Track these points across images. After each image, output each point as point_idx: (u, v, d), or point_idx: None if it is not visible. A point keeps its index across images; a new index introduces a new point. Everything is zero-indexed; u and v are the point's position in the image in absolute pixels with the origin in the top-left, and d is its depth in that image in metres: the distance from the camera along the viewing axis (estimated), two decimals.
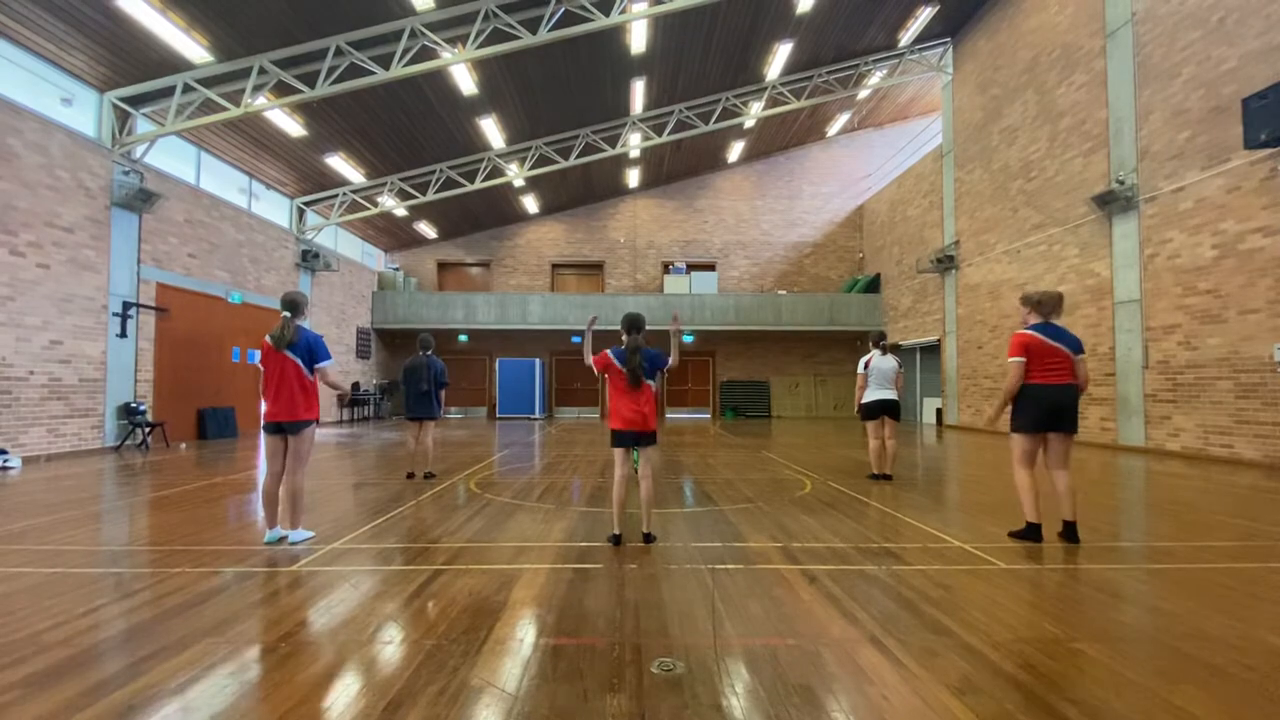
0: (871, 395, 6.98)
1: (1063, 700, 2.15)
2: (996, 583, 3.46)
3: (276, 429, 4.39)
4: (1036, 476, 4.39)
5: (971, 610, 3.02)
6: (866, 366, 7.01)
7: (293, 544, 4.30)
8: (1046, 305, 4.43)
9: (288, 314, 4.45)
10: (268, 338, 4.43)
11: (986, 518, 5.12)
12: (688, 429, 16.08)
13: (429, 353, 7.47)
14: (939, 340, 16.97)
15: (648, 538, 4.33)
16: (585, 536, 4.52)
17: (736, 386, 22.21)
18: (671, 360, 4.47)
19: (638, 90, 15.30)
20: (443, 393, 7.53)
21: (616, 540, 4.27)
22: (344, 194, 16.68)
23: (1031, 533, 4.32)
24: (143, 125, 11.10)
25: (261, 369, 4.44)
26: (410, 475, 7.38)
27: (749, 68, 15.71)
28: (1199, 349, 9.32)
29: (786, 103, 17.08)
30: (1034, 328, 4.43)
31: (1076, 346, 4.36)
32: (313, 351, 4.43)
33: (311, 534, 4.50)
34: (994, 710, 2.09)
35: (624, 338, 4.38)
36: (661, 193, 23.02)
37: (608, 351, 4.41)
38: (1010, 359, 4.46)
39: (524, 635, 2.74)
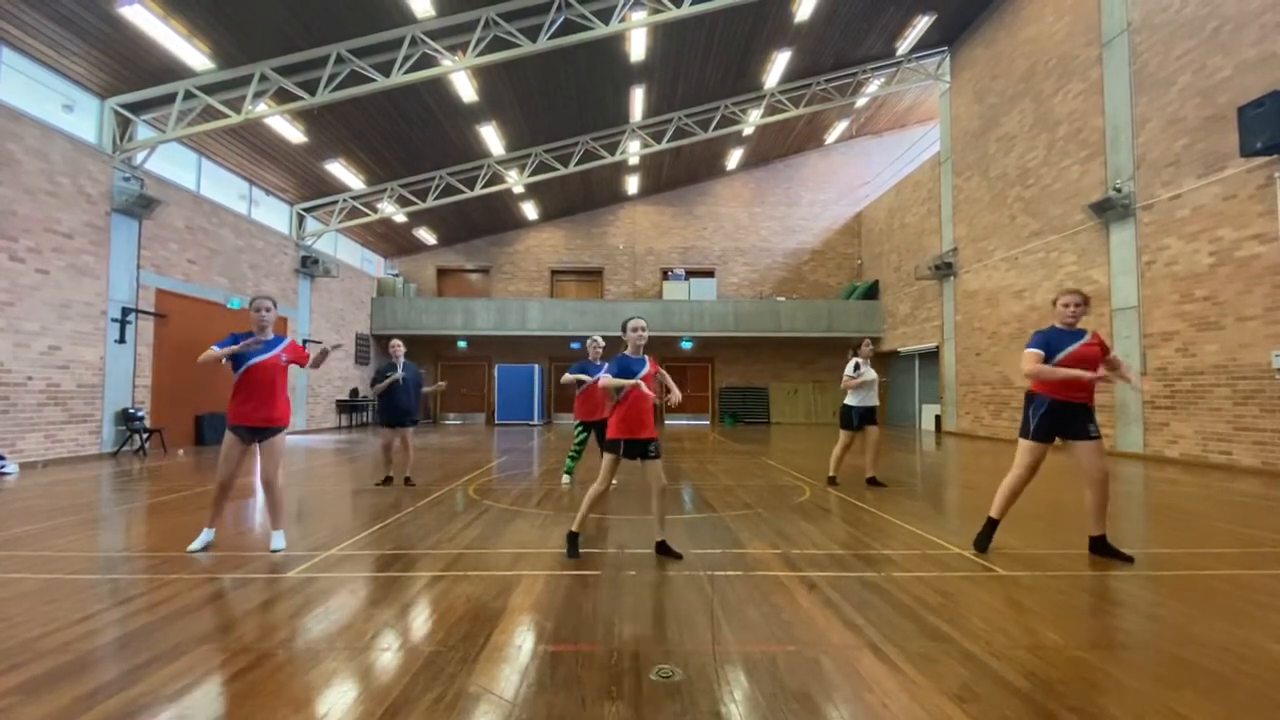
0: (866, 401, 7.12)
1: (1063, 708, 2.14)
2: (996, 589, 3.46)
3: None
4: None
5: (971, 617, 3.01)
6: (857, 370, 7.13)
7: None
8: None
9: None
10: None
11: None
12: (686, 435, 16.06)
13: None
14: (938, 347, 17.00)
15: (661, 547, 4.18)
16: (584, 542, 4.50)
17: (735, 393, 22.21)
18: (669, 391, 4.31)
19: (637, 98, 15.37)
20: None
21: (573, 539, 4.17)
22: (344, 200, 16.73)
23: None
24: (144, 131, 11.13)
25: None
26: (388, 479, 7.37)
27: (748, 75, 15.80)
28: (1197, 355, 9.34)
29: (785, 110, 17.17)
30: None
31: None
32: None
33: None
34: (994, 718, 2.08)
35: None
36: (661, 199, 23.11)
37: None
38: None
39: (522, 642, 2.73)
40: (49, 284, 9.35)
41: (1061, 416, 4.07)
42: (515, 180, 17.53)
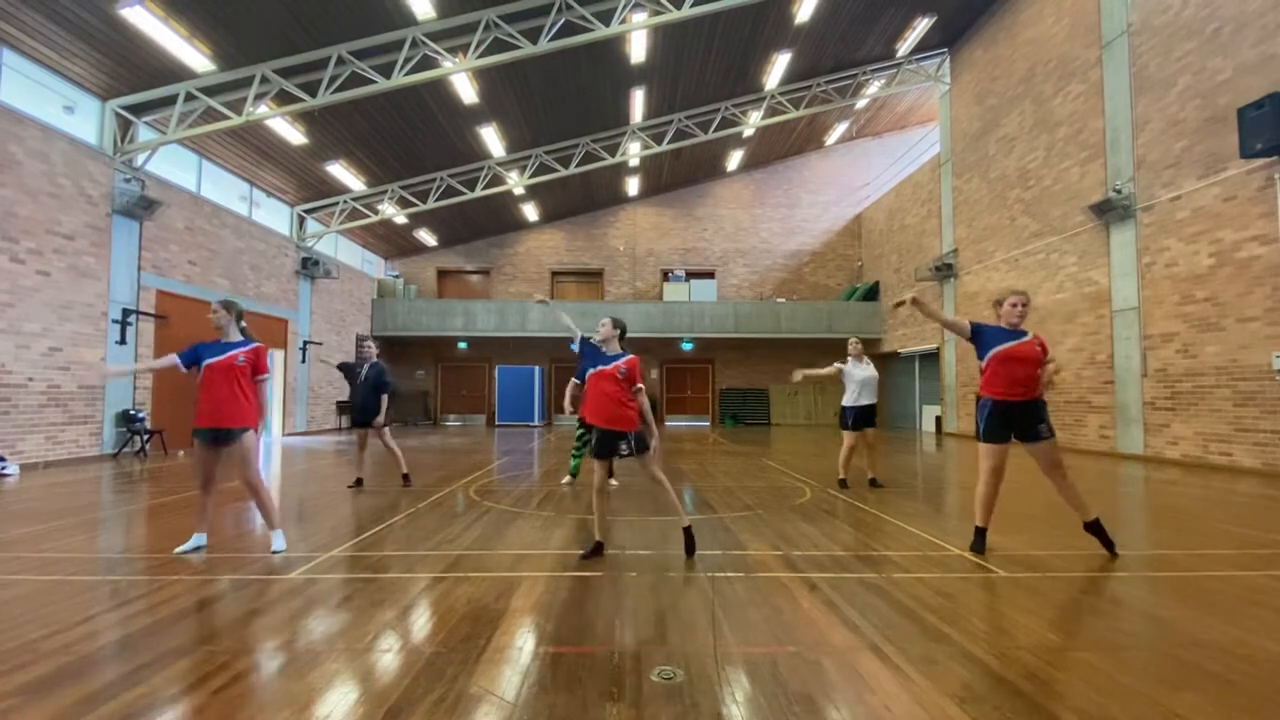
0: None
1: (1064, 708, 2.14)
2: (997, 590, 3.46)
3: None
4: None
5: (972, 618, 3.01)
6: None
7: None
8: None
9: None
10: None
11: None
12: (687, 436, 16.06)
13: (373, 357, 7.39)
14: (938, 348, 16.99)
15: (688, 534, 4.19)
16: (585, 544, 4.50)
17: (735, 394, 22.21)
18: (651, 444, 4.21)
19: (637, 99, 15.39)
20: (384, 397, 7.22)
21: (599, 549, 4.15)
22: (344, 202, 16.74)
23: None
24: (144, 133, 11.14)
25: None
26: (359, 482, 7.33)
27: (748, 77, 15.82)
28: (1197, 357, 9.34)
29: (785, 112, 17.17)
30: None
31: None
32: None
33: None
34: (995, 718, 2.08)
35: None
36: (661, 201, 23.11)
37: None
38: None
39: (523, 643, 2.73)
40: (50, 285, 9.36)
41: (1009, 417, 4.06)
42: (516, 182, 17.54)
